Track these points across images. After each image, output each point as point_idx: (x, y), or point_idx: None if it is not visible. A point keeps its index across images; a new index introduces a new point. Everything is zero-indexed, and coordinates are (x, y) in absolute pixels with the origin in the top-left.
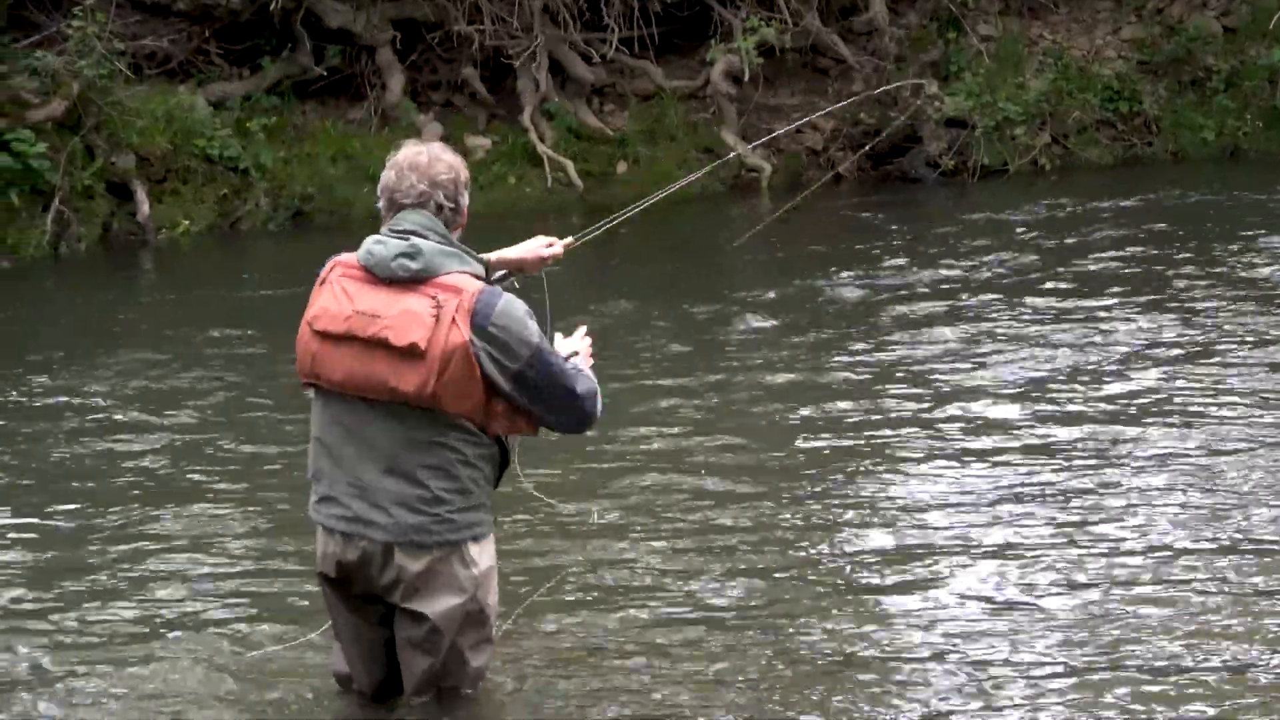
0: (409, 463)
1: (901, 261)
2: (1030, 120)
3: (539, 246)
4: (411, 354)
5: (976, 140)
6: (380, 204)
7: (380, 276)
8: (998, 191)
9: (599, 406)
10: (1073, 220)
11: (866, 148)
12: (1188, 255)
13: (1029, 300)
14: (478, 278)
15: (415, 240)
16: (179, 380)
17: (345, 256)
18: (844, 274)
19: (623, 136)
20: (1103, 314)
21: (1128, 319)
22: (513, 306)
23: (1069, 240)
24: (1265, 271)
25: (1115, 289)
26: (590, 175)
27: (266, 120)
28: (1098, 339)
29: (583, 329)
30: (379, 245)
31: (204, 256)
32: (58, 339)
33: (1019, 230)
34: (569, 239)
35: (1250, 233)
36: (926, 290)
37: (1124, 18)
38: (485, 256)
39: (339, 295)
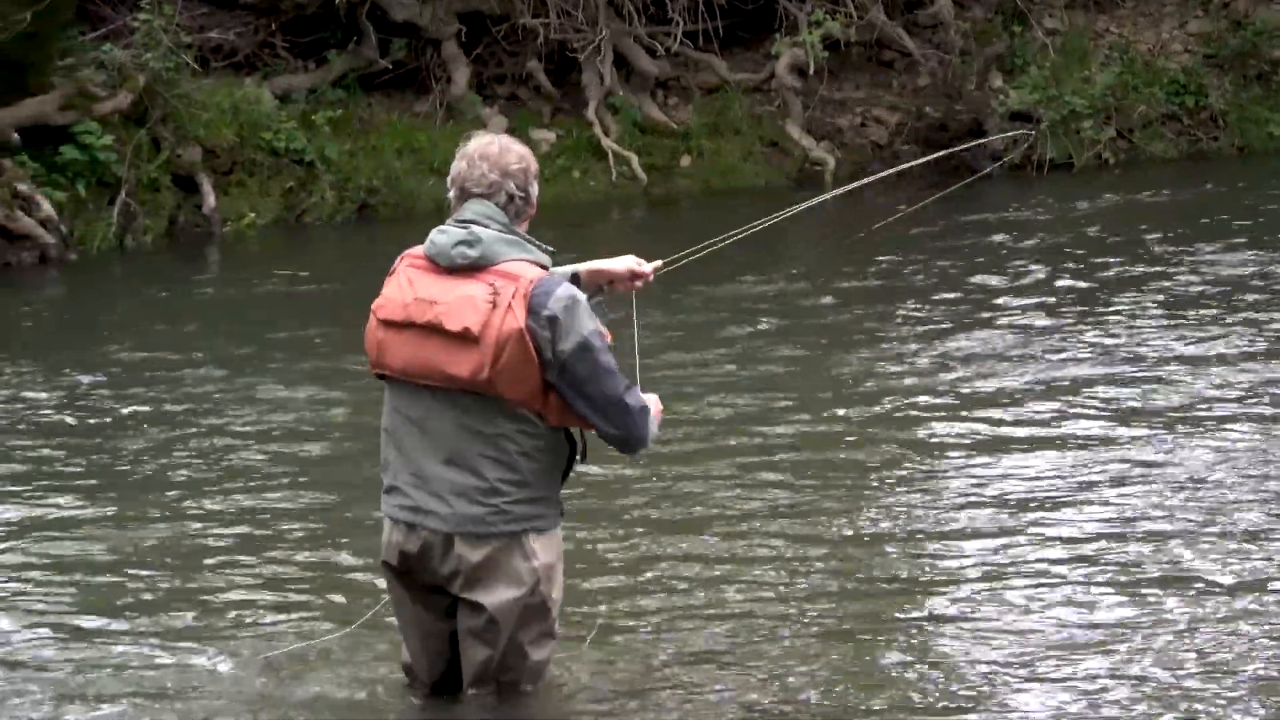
0: (468, 453)
1: (965, 255)
2: (1096, 114)
3: (630, 264)
4: (465, 338)
5: (1042, 134)
6: (451, 194)
7: (442, 265)
8: (1063, 186)
9: (651, 431)
10: (1138, 215)
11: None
12: (1257, 253)
13: (1097, 295)
14: (542, 267)
15: (475, 229)
16: (242, 373)
17: (414, 249)
18: (906, 267)
19: (687, 130)
20: (1179, 310)
21: (1202, 315)
22: (570, 294)
23: (1137, 234)
24: None
25: (1187, 285)
26: (654, 169)
27: (332, 113)
28: (1177, 334)
29: (654, 396)
30: (440, 235)
31: (269, 249)
32: (125, 330)
33: (1086, 224)
34: (658, 262)
35: None
36: (991, 285)
37: (1190, 12)
38: (577, 268)
39: (402, 284)
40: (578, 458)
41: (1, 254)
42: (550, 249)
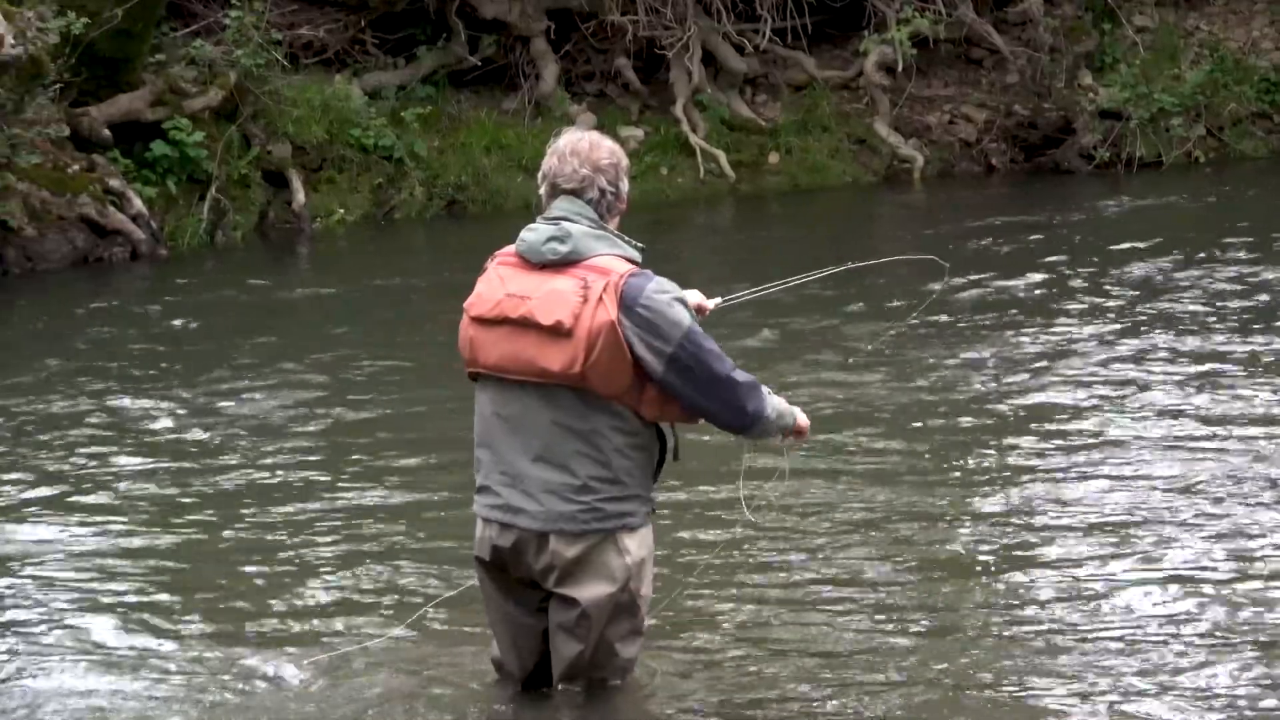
0: (560, 450)
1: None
2: (1185, 112)
3: (696, 298)
4: (557, 332)
5: (1131, 132)
6: (541, 190)
7: (533, 261)
8: (1152, 183)
9: (766, 406)
10: (1230, 213)
11: None
12: None
13: (1190, 293)
14: (632, 262)
15: (564, 224)
16: (335, 368)
17: (506, 248)
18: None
19: (775, 127)
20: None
21: None
22: (664, 287)
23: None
24: None
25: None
26: (742, 165)
27: (421, 110)
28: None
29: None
30: (531, 232)
31: (359, 245)
32: (217, 328)
33: (1176, 223)
34: (718, 299)
35: None
36: (1083, 284)
37: None
38: None
39: (493, 281)
40: (669, 455)
41: (93, 249)
42: (640, 245)
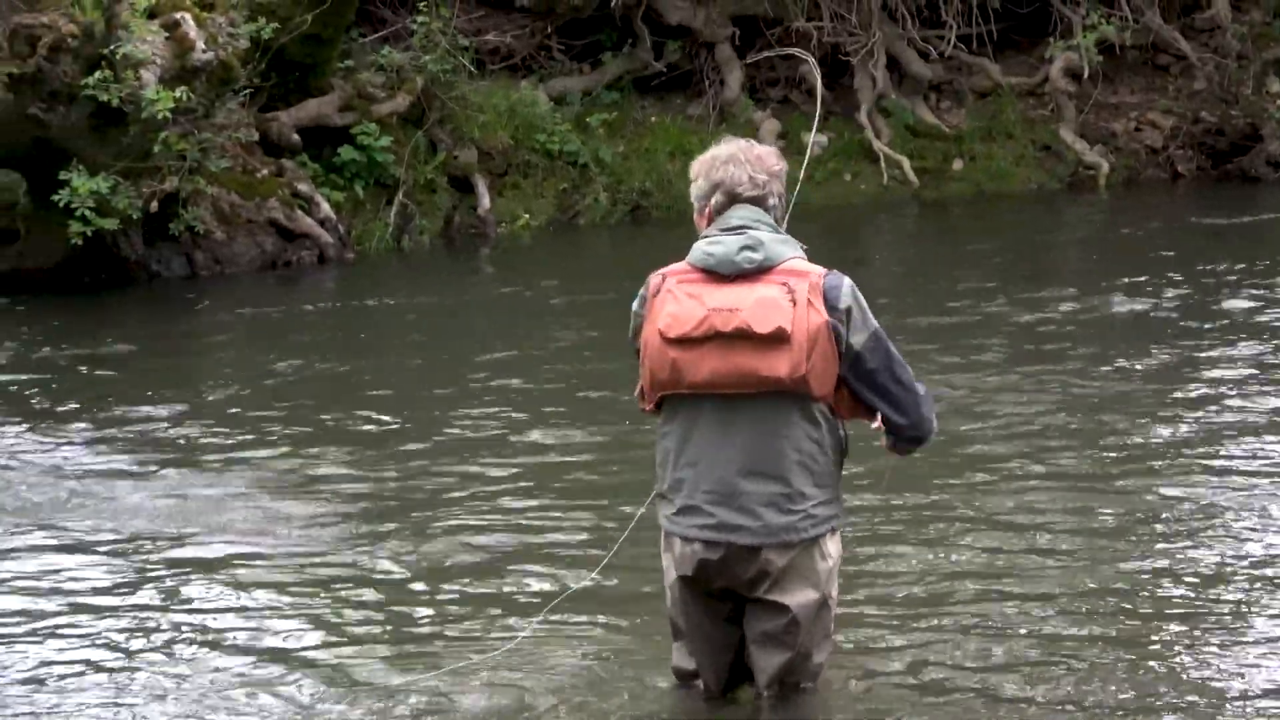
0: (773, 460)
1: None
2: None
3: None
4: (778, 339)
5: None
6: (713, 200)
7: (726, 273)
8: None
9: (935, 423)
10: None
11: None
12: None
13: None
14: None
15: (751, 233)
16: (520, 375)
17: (671, 268)
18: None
19: (959, 133)
20: None
21: None
22: (853, 287)
23: None
24: None
25: None
26: (925, 172)
27: (606, 115)
28: None
29: None
30: (716, 245)
31: (543, 250)
32: (405, 331)
33: None
34: None
35: None
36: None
37: None
38: None
39: (685, 300)
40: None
41: (281, 253)
42: (804, 245)
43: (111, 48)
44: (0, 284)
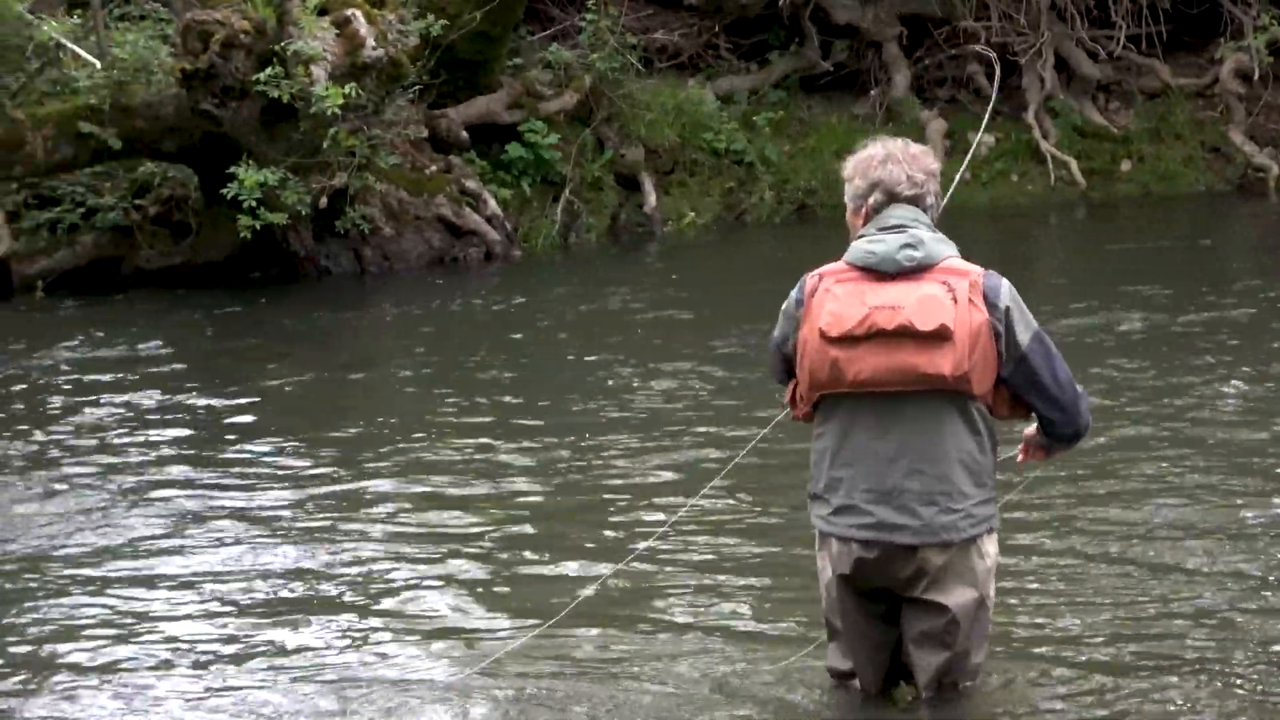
0: (935, 459)
1: None
2: None
3: None
4: (940, 336)
5: None
6: (870, 199)
7: (886, 271)
8: None
9: (1089, 420)
10: None
11: None
12: None
13: None
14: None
15: (911, 231)
16: (682, 373)
17: (827, 268)
18: None
19: (1127, 134)
20: None
21: None
22: (1010, 286)
23: None
24: None
25: None
26: (1093, 173)
27: (772, 114)
28: None
29: None
30: (877, 244)
31: (709, 248)
32: (575, 326)
33: None
34: None
35: None
36: None
37: None
38: None
39: (846, 299)
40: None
41: (448, 249)
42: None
43: (283, 44)
44: (171, 277)
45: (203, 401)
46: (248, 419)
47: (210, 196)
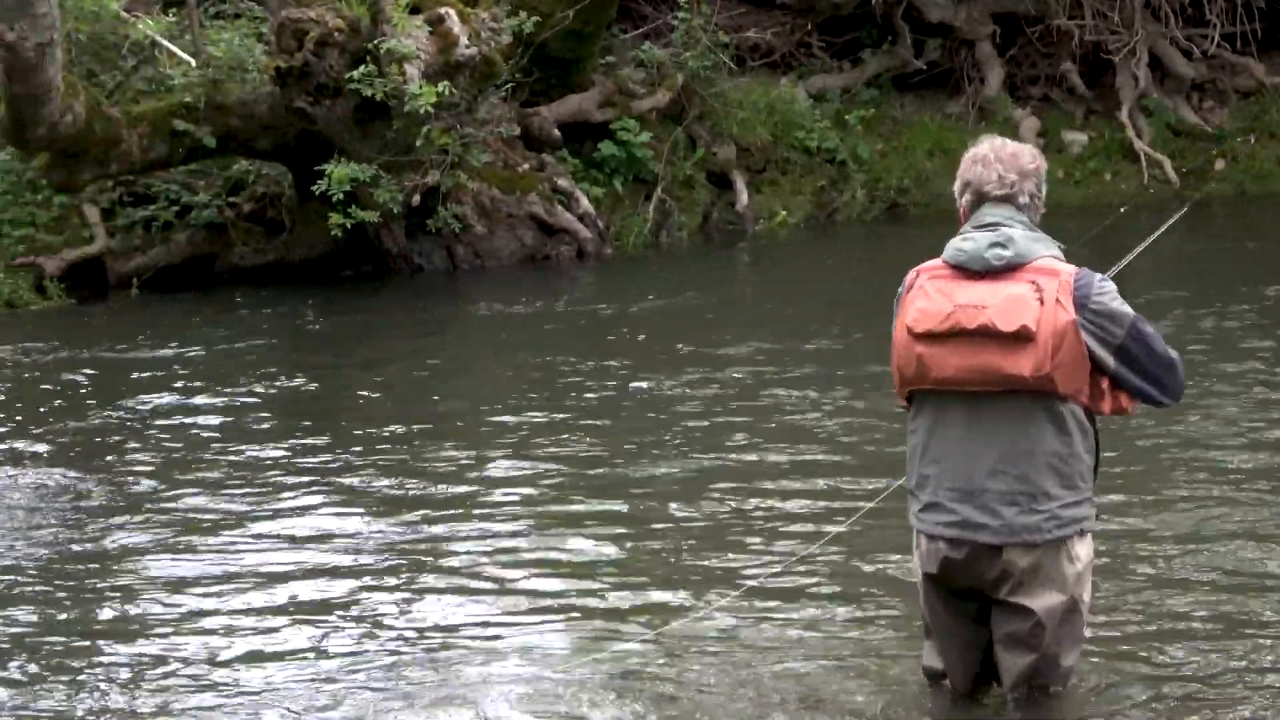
0: (1019, 459)
1: None
2: None
3: None
4: (1022, 337)
5: None
6: (964, 199)
7: (975, 269)
8: None
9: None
10: None
11: None
12: None
13: None
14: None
15: (1003, 229)
16: (774, 370)
17: (927, 264)
18: None
19: (1221, 133)
20: None
21: None
22: (1108, 284)
23: None
24: None
25: None
26: (1187, 172)
27: (864, 113)
28: None
29: None
30: (967, 242)
31: (801, 247)
32: (661, 326)
33: None
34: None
35: None
36: None
37: None
38: None
39: (935, 296)
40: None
41: (540, 247)
42: (1062, 245)
43: (376, 42)
44: (264, 274)
45: (309, 390)
46: (365, 411)
47: (304, 194)
